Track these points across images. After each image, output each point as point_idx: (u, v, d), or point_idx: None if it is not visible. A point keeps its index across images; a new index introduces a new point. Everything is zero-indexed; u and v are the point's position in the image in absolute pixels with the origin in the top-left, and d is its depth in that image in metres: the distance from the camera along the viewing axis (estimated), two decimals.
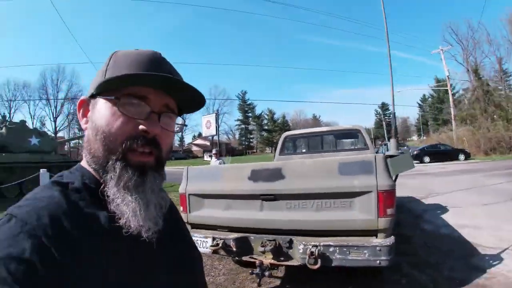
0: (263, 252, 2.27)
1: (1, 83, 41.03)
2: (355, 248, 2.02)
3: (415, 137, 60.59)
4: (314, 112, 68.94)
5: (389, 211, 2.04)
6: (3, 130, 8.70)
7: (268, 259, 2.30)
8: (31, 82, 44.34)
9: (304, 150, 5.28)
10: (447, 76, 29.67)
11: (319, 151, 5.03)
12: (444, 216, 5.15)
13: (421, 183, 9.88)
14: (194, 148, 55.91)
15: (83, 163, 0.51)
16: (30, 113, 43.11)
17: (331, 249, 2.08)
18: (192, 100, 0.52)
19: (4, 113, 40.94)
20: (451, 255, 3.37)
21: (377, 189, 2.05)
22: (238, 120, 63.08)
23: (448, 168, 14.95)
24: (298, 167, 2.40)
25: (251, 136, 64.79)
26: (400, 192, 7.77)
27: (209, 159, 21.38)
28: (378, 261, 1.96)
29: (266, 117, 65.52)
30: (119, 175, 0.45)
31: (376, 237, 2.08)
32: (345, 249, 2.05)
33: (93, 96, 0.50)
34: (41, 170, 4.83)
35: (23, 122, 9.72)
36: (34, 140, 9.12)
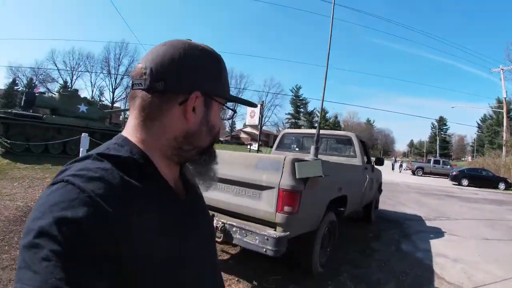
0: None
1: (66, 51, 44.96)
2: (250, 232, 2.29)
3: (469, 158, 53.92)
4: (369, 117, 65.42)
5: (286, 208, 2.25)
6: (57, 95, 10.12)
7: None
8: (95, 53, 47.86)
9: (297, 149, 5.44)
10: (504, 97, 26.53)
11: (299, 150, 5.23)
12: (433, 242, 4.87)
13: (440, 204, 9.27)
14: (242, 135, 57.41)
15: (133, 138, 0.52)
16: (91, 82, 45.35)
17: (234, 229, 2.38)
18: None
19: (66, 79, 43.65)
20: (398, 278, 3.32)
21: (279, 186, 2.27)
22: (288, 114, 62.90)
23: (480, 195, 13.51)
24: (227, 157, 2.70)
25: None
26: (412, 210, 7.56)
27: (253, 148, 22.14)
28: (264, 249, 2.20)
29: (318, 114, 64.29)
30: (209, 157, 0.59)
31: (275, 230, 2.31)
32: (243, 232, 2.33)
33: (215, 96, 0.56)
34: (83, 134, 5.11)
35: (75, 90, 11.07)
36: (82, 108, 10.32)
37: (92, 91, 45.08)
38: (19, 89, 40.63)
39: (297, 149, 5.43)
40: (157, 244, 0.45)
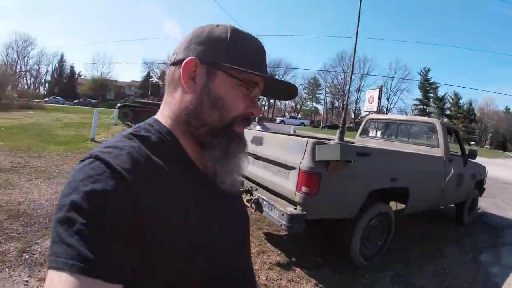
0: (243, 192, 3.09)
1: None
2: (274, 207, 2.52)
3: None
4: (508, 105, 48.60)
5: (304, 189, 2.34)
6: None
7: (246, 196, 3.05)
8: None
9: (379, 136, 4.98)
10: None
11: (393, 139, 4.76)
12: None
13: None
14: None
15: (161, 119, 0.54)
16: None
17: (264, 202, 2.66)
18: (286, 92, 0.60)
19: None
20: None
21: (299, 168, 2.38)
22: (416, 99, 54.79)
23: None
24: (270, 139, 2.94)
25: None
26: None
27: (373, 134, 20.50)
28: (281, 224, 2.39)
29: (450, 100, 53.27)
30: (226, 141, 0.53)
31: (295, 208, 2.46)
32: (270, 205, 2.57)
33: (215, 65, 0.51)
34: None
35: None
36: None
37: None
38: (153, 81, 50.44)
39: (379, 136, 4.97)
40: (176, 220, 0.45)
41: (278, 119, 40.43)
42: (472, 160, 4.60)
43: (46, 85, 51.49)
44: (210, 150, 0.53)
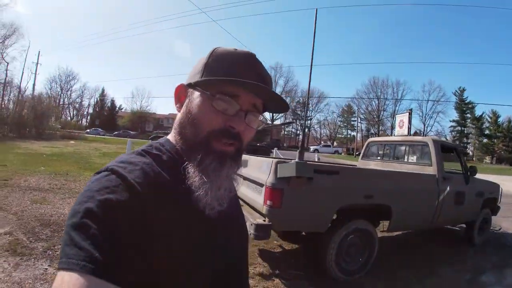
0: None
1: None
2: (248, 219, 2.85)
3: None
4: None
5: (269, 202, 2.66)
6: None
7: None
8: None
9: (378, 158, 5.12)
10: None
11: (390, 160, 4.93)
12: None
13: None
14: None
15: (171, 138, 0.59)
16: None
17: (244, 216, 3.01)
18: (278, 105, 0.58)
19: None
20: None
21: (265, 184, 2.73)
22: (453, 120, 52.16)
23: None
24: (252, 161, 3.33)
25: (467, 141, 51.66)
26: None
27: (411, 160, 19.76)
28: (250, 233, 2.69)
29: (489, 119, 49.90)
30: (201, 158, 0.52)
31: (264, 220, 2.76)
32: (246, 218, 2.91)
33: (190, 86, 0.56)
34: None
35: None
36: None
37: None
38: None
39: (378, 158, 5.12)
40: (179, 233, 0.48)
41: (312, 147, 40.21)
42: (479, 178, 4.54)
43: (88, 117, 56.15)
44: (196, 163, 0.54)
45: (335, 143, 53.39)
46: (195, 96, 0.56)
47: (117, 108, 55.81)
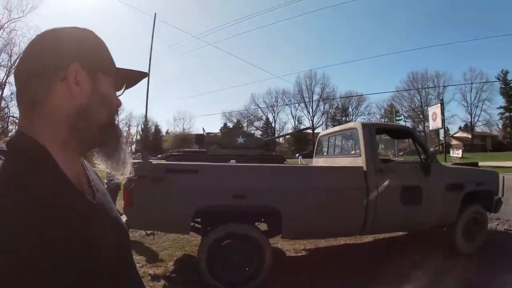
0: None
1: (264, 92, 53.89)
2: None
3: None
4: None
5: (123, 201, 2.77)
6: (219, 133, 13.23)
7: None
8: (289, 88, 55.20)
9: (325, 154, 4.71)
10: None
11: (336, 155, 4.37)
12: None
13: None
14: (454, 142, 46.18)
15: (27, 131, 0.50)
16: (291, 113, 53.73)
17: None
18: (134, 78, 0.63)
19: (267, 116, 53.80)
20: None
21: None
22: (500, 107, 46.30)
23: None
24: None
25: None
26: None
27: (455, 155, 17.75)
28: None
29: None
30: (118, 134, 0.54)
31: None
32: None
33: (84, 66, 0.52)
34: (231, 160, 6.31)
35: (234, 128, 13.98)
36: (240, 139, 12.55)
37: (294, 122, 53.20)
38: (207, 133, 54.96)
39: (326, 151, 4.64)
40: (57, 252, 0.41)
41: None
42: (459, 166, 3.97)
43: (135, 144, 59.28)
44: (99, 147, 0.55)
45: (381, 146, 49.76)
46: (103, 80, 0.57)
47: (161, 134, 59.40)
